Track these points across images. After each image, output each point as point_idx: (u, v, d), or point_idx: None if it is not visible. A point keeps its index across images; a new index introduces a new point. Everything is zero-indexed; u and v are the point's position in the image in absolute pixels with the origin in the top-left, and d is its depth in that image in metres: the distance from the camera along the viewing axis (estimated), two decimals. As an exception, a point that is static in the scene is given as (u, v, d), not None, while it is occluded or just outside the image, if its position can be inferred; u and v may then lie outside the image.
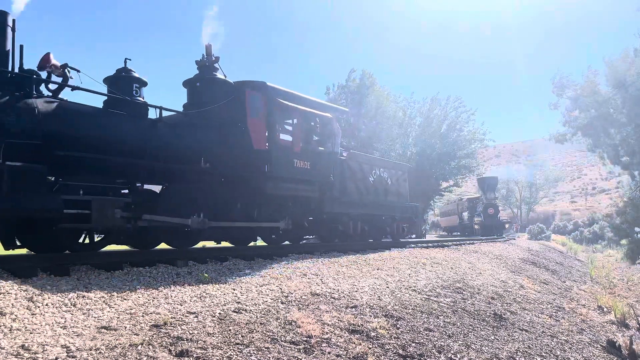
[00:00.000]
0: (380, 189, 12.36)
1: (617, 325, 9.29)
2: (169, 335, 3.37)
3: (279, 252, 8.31)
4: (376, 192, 12.16)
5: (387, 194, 12.76)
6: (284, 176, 8.81)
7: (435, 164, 33.41)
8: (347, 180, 10.97)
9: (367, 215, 12.10)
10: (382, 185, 12.48)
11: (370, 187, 11.89)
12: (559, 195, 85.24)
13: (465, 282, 8.41)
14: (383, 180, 12.61)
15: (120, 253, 6.79)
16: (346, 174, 10.94)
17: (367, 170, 11.94)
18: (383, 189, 12.52)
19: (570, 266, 20.18)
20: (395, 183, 13.34)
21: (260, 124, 8.63)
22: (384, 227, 13.24)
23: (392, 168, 13.62)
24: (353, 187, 11.19)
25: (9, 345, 2.83)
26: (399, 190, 13.62)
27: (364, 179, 11.71)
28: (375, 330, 4.48)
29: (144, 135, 7.10)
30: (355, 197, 11.24)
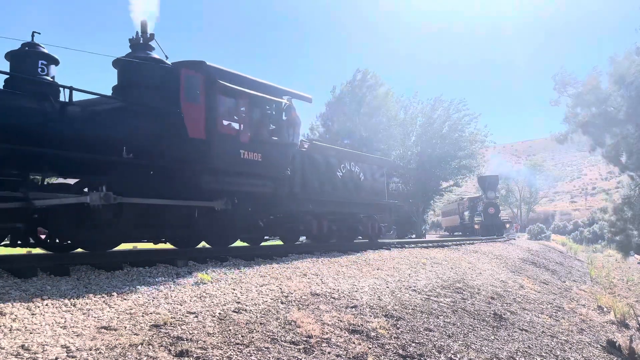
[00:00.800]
0: (350, 184, 11.28)
1: (617, 325, 9.29)
2: (169, 335, 3.36)
3: (279, 252, 8.30)
4: (346, 188, 11.07)
5: (360, 191, 11.68)
6: (227, 169, 7.74)
7: (436, 164, 33.43)
8: (310, 175, 9.88)
9: (334, 214, 11.11)
10: (353, 181, 11.40)
11: (338, 182, 10.81)
12: (559, 195, 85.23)
13: (465, 282, 8.41)
14: (354, 175, 11.52)
15: (120, 253, 6.78)
16: (308, 168, 9.86)
17: (335, 163, 10.84)
18: (354, 184, 11.43)
19: (570, 266, 20.18)
20: (370, 179, 12.20)
21: (197, 109, 7.47)
22: (356, 227, 12.18)
23: (367, 162, 12.45)
24: (317, 182, 10.09)
25: (9, 345, 2.83)
26: (375, 187, 12.52)
27: (331, 173, 10.65)
28: (375, 330, 4.48)
29: (47, 120, 6.07)
30: (320, 193, 10.15)
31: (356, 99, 35.36)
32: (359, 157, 12.46)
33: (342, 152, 11.81)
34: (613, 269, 20.72)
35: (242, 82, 8.17)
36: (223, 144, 7.66)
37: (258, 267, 6.60)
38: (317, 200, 10.05)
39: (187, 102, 7.38)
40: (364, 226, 12.34)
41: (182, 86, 7.36)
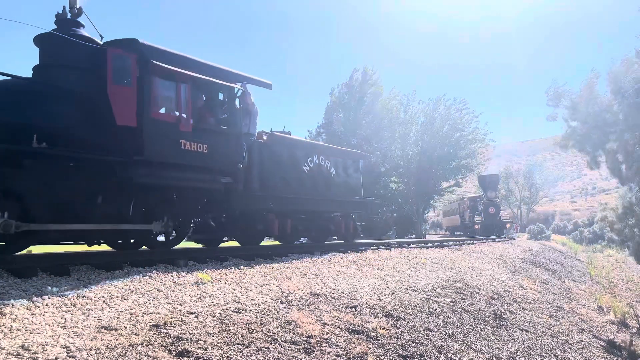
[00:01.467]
0: (319, 180, 10.38)
1: (617, 325, 9.29)
2: (169, 335, 3.37)
3: (279, 252, 8.31)
4: (314, 184, 10.18)
5: (331, 187, 10.77)
6: (163, 161, 6.88)
7: (436, 163, 33.46)
8: (270, 169, 9.02)
9: (301, 212, 10.29)
10: (323, 176, 10.51)
11: (305, 178, 9.93)
12: (559, 195, 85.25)
13: (465, 282, 8.41)
14: (324, 170, 10.59)
15: (120, 253, 6.79)
16: (268, 162, 8.99)
17: (301, 157, 9.94)
18: (324, 180, 10.54)
19: (570, 266, 20.19)
20: (343, 174, 11.29)
21: (127, 92, 6.63)
22: (327, 226, 11.30)
23: (339, 156, 11.47)
24: (279, 177, 9.24)
25: (9, 345, 2.83)
26: (349, 183, 11.59)
27: (296, 168, 9.75)
28: (375, 330, 4.48)
29: None
30: (283, 189, 9.28)
31: (355, 98, 35.40)
32: (329, 150, 11.47)
33: (309, 144, 10.78)
34: (613, 269, 20.72)
35: (185, 64, 7.31)
36: (158, 133, 6.79)
37: (258, 267, 6.60)
38: (279, 198, 9.15)
39: (115, 84, 6.56)
40: (337, 225, 11.47)
41: (110, 67, 6.54)
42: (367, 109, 35.09)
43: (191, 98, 7.31)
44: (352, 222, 11.90)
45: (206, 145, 7.40)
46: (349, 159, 11.84)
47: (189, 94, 7.29)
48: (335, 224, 11.44)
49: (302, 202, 9.91)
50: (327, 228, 11.33)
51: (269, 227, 9.16)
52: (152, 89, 6.82)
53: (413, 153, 34.25)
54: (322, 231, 11.25)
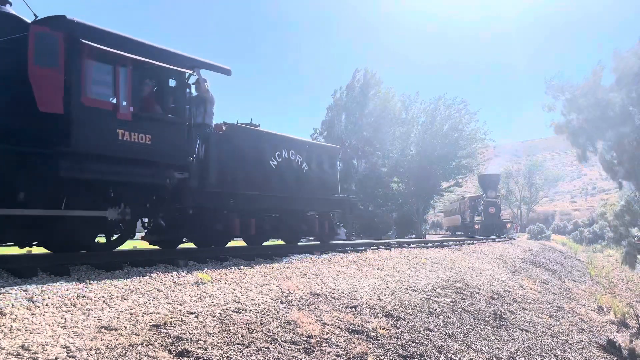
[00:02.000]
0: (289, 176, 9.51)
1: (617, 325, 9.30)
2: (169, 335, 3.37)
3: (279, 252, 8.31)
4: (283, 181, 9.29)
5: (303, 184, 9.90)
6: (97, 153, 6.14)
7: (436, 163, 33.49)
8: (230, 164, 8.15)
9: (268, 211, 9.50)
10: (293, 172, 9.62)
11: (272, 173, 9.05)
12: (559, 195, 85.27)
13: (465, 282, 8.41)
14: (294, 165, 9.70)
15: (120, 253, 6.79)
16: (228, 155, 8.12)
17: (267, 151, 9.08)
18: (295, 176, 9.67)
19: (570, 266, 20.19)
20: (316, 169, 10.39)
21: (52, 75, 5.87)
22: (299, 227, 10.36)
23: (313, 151, 10.56)
24: (240, 172, 8.33)
25: (9, 345, 2.83)
26: (324, 179, 10.68)
27: (261, 162, 8.86)
28: (375, 330, 4.48)
29: None
30: (245, 186, 8.42)
31: (357, 100, 35.50)
32: (300, 143, 10.31)
33: (276, 137, 9.63)
34: (613, 269, 20.72)
35: (125, 45, 6.52)
36: (90, 121, 6.05)
37: (258, 267, 6.60)
38: (241, 195, 8.33)
39: (39, 66, 5.74)
40: (310, 225, 10.57)
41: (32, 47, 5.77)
42: (369, 110, 35.20)
43: (132, 83, 6.53)
44: (327, 222, 11.03)
45: (150, 136, 6.63)
46: (323, 154, 10.95)
47: (129, 79, 6.50)
48: (308, 224, 10.51)
49: (269, 199, 9.02)
50: (299, 228, 10.36)
51: (230, 227, 8.35)
52: (82, 72, 6.02)
53: (413, 153, 34.29)
54: (294, 231, 10.33)
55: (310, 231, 10.77)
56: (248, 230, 8.75)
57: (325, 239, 11.18)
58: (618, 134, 14.74)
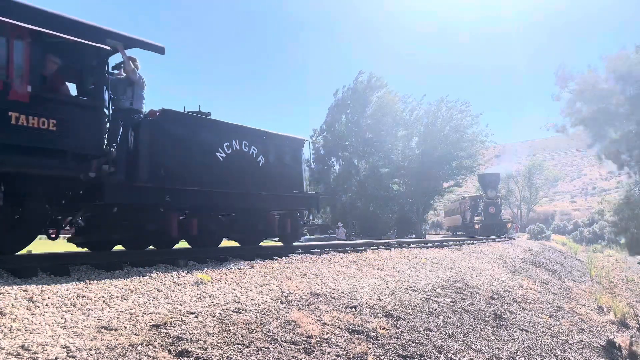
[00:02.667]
0: (242, 170, 8.54)
1: (617, 325, 9.29)
2: (169, 335, 3.37)
3: (279, 252, 8.31)
4: (233, 175, 8.35)
5: (259, 179, 8.90)
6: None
7: (437, 164, 33.53)
8: (164, 155, 7.25)
9: (215, 209, 8.59)
10: (246, 166, 8.66)
11: (219, 167, 8.12)
12: (559, 195, 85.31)
13: (465, 282, 8.41)
14: (248, 158, 8.72)
15: (120, 253, 6.80)
16: (161, 145, 7.22)
17: (213, 141, 8.13)
18: (249, 170, 8.71)
19: (570, 266, 20.19)
20: (276, 163, 9.39)
21: None
22: (255, 226, 9.34)
23: (271, 142, 9.41)
24: (178, 165, 7.46)
25: (9, 345, 2.83)
26: (285, 174, 9.64)
27: (205, 154, 7.95)
28: (375, 330, 4.48)
29: None
30: (184, 180, 7.52)
31: (360, 101, 35.61)
32: (255, 133, 9.15)
33: (224, 126, 8.58)
34: (613, 269, 20.72)
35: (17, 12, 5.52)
36: None
37: (258, 267, 6.61)
38: (179, 191, 7.42)
39: None
40: (270, 225, 9.51)
41: None
42: (370, 111, 35.32)
43: (31, 59, 5.59)
44: (290, 221, 9.98)
45: (54, 121, 5.72)
46: (285, 146, 9.83)
47: (27, 53, 5.56)
48: (266, 224, 9.43)
49: (216, 196, 8.05)
50: (256, 229, 9.35)
51: (165, 227, 7.47)
52: None
53: (414, 154, 34.36)
54: (250, 232, 9.38)
55: (269, 232, 9.68)
56: (189, 231, 7.90)
57: (288, 241, 10.23)
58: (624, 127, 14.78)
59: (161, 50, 7.12)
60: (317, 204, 10.84)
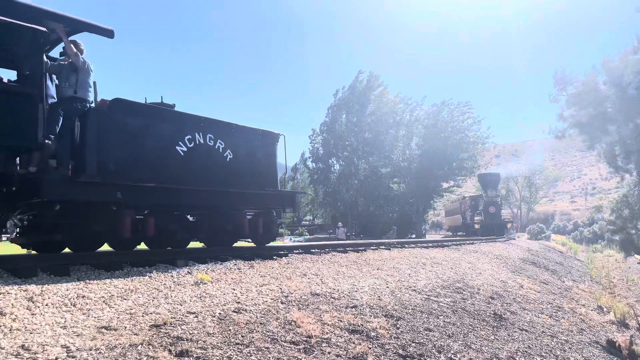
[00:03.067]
0: (205, 165, 7.95)
1: (617, 325, 9.29)
2: (169, 335, 3.37)
3: (279, 252, 8.31)
4: (196, 172, 7.75)
5: (226, 175, 8.26)
6: None
7: (437, 164, 33.55)
8: (114, 147, 6.65)
9: (176, 207, 8.01)
10: (211, 161, 8.06)
11: (179, 162, 7.51)
12: (559, 195, 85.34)
13: (465, 282, 8.41)
14: (214, 153, 8.12)
15: (120, 253, 6.79)
16: (111, 137, 6.63)
17: (172, 134, 7.52)
18: (214, 166, 8.11)
19: (570, 266, 20.19)
20: (246, 159, 8.70)
21: None
22: (221, 226, 8.74)
23: (239, 135, 8.68)
24: (130, 159, 6.88)
25: (9, 345, 2.83)
26: (257, 170, 8.94)
27: (163, 148, 7.35)
28: (375, 330, 4.48)
29: None
30: (137, 176, 6.93)
31: (359, 101, 35.65)
32: (222, 126, 8.45)
33: (186, 117, 7.93)
34: (613, 269, 20.72)
35: None
36: None
37: (258, 267, 6.61)
38: (132, 187, 6.81)
39: None
40: (239, 225, 8.87)
41: None
42: (370, 111, 35.36)
43: None
44: (261, 221, 9.27)
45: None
46: (256, 140, 9.10)
47: None
48: (235, 224, 8.82)
49: (176, 194, 7.44)
50: (222, 229, 8.74)
51: (116, 227, 6.84)
52: None
53: (414, 154, 34.40)
54: (215, 233, 8.73)
55: (239, 232, 8.99)
56: (145, 231, 7.22)
57: (261, 242, 9.57)
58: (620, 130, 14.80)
59: (110, 34, 6.60)
60: (293, 202, 9.97)
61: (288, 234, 35.95)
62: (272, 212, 9.74)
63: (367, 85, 35.93)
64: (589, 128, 15.93)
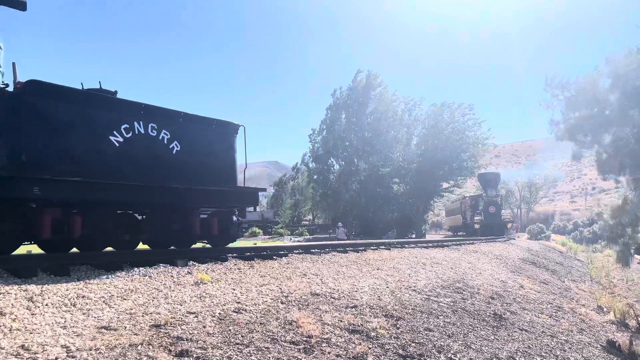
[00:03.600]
0: (149, 158, 7.23)
1: (617, 325, 9.29)
2: (169, 335, 3.37)
3: (279, 252, 8.31)
4: (134, 164, 7.01)
5: (172, 169, 7.53)
6: None
7: (437, 164, 33.53)
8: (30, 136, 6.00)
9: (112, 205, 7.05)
10: (154, 153, 7.30)
11: (114, 154, 6.79)
12: (559, 195, 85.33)
13: (465, 282, 8.41)
14: (157, 144, 7.35)
15: (120, 253, 6.79)
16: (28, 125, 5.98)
17: (106, 122, 6.77)
18: (159, 159, 7.37)
19: (570, 266, 20.19)
20: (196, 151, 7.95)
21: None
22: (168, 226, 7.80)
23: (189, 126, 7.93)
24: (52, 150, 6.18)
25: (9, 345, 2.83)
26: (211, 165, 8.19)
27: (94, 137, 6.62)
28: (375, 330, 4.48)
29: None
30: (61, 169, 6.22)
31: (359, 100, 35.65)
32: (168, 115, 7.67)
33: (123, 105, 7.10)
34: (613, 269, 20.72)
35: None
36: None
37: (258, 267, 6.61)
38: (54, 182, 6.02)
39: None
40: (189, 225, 7.98)
41: None
42: (370, 111, 35.37)
43: None
44: (216, 221, 8.44)
45: None
46: (210, 131, 8.31)
47: None
48: (183, 224, 7.94)
49: (109, 189, 6.63)
50: (168, 229, 7.80)
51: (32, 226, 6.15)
52: None
53: (415, 154, 34.39)
54: (160, 233, 7.82)
55: (188, 233, 8.10)
56: (71, 231, 6.45)
57: (217, 243, 8.73)
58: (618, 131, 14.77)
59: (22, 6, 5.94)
60: (254, 200, 8.91)
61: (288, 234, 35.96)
62: (233, 210, 8.86)
63: (366, 84, 35.92)
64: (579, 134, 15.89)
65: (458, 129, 33.89)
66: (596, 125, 14.79)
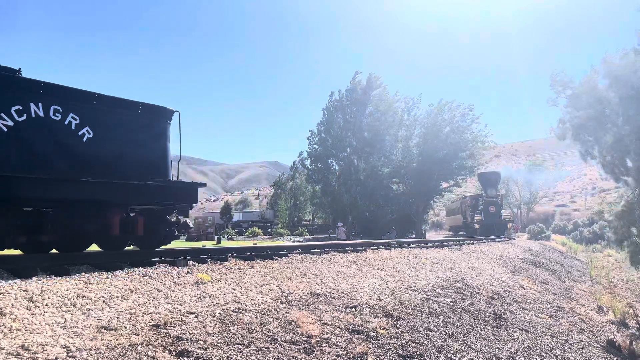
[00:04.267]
0: (51, 146, 6.27)
1: (617, 325, 9.29)
2: (169, 335, 3.37)
3: (279, 252, 8.31)
4: (29, 153, 6.07)
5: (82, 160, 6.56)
6: None
7: (437, 164, 33.53)
8: None
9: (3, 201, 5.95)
10: (56, 140, 6.33)
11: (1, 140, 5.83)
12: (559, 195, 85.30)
13: (465, 282, 8.41)
14: (62, 129, 6.37)
15: (120, 253, 6.79)
16: None
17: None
18: (63, 148, 6.39)
19: (570, 266, 20.19)
20: (117, 140, 6.98)
21: None
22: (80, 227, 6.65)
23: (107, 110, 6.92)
24: None
25: (9, 345, 2.83)
26: (135, 155, 7.19)
27: None
28: (375, 330, 4.48)
29: None
30: None
31: (358, 101, 35.66)
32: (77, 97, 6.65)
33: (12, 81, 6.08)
34: (613, 269, 20.73)
35: None
36: None
37: (258, 267, 6.61)
38: None
39: None
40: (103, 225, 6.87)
41: None
42: (369, 111, 35.39)
43: None
44: (142, 221, 7.33)
45: None
46: (133, 118, 7.27)
47: None
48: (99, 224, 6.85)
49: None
50: (80, 230, 6.68)
51: None
52: None
53: (414, 154, 34.39)
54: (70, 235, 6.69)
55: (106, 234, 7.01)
56: None
57: (145, 245, 7.73)
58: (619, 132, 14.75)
59: None
60: (191, 196, 7.69)
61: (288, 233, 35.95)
62: (168, 209, 7.75)
63: (367, 85, 35.95)
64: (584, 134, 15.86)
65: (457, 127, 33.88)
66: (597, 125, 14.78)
